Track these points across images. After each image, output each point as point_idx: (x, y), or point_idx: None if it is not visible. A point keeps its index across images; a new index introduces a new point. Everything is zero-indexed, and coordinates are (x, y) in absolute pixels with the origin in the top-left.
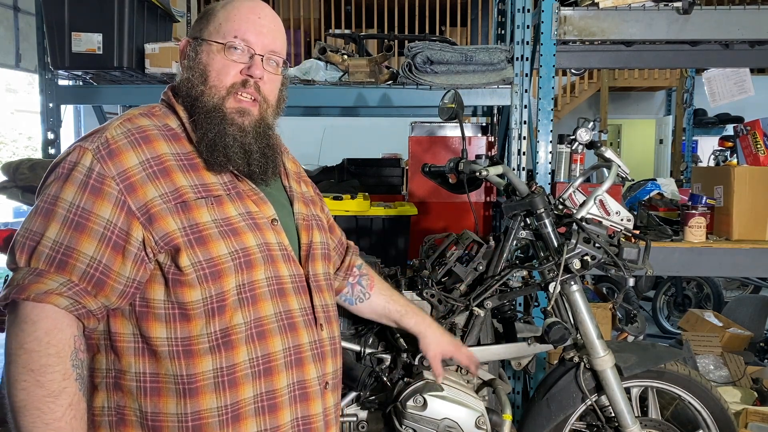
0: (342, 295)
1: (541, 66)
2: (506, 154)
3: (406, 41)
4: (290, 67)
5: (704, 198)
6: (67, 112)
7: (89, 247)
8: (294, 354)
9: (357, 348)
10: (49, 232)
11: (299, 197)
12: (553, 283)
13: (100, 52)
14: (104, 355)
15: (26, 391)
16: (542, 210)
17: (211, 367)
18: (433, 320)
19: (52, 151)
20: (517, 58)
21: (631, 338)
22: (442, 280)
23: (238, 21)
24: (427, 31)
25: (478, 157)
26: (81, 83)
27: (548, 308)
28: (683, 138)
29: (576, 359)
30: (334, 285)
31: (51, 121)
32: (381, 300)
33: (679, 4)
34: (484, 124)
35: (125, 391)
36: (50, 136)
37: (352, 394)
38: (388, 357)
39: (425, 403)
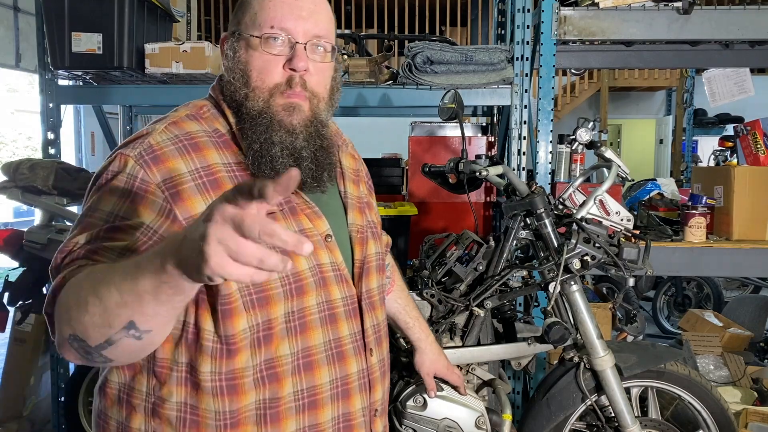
0: None
1: (541, 66)
2: (506, 154)
3: (406, 41)
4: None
5: (704, 198)
6: (67, 112)
7: (120, 245)
8: (341, 386)
9: None
10: (81, 240)
11: (354, 204)
12: (553, 283)
13: (100, 52)
14: (145, 378)
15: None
16: (542, 210)
17: (254, 399)
18: (434, 340)
19: (52, 151)
20: (517, 58)
21: (630, 338)
22: (442, 280)
23: (273, 7)
24: (427, 31)
25: (478, 157)
26: (81, 83)
27: (548, 308)
28: (683, 138)
29: (576, 359)
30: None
31: (51, 121)
32: (393, 307)
33: (679, 4)
34: (484, 124)
35: (163, 418)
36: (50, 136)
37: None
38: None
39: (425, 403)
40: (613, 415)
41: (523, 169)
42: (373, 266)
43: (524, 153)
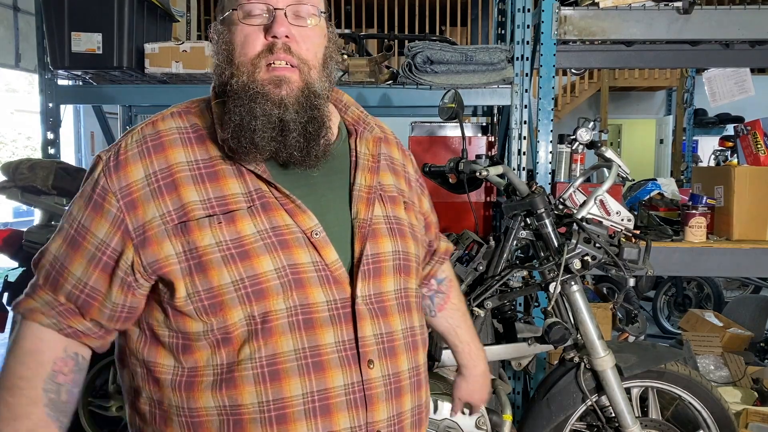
0: None
1: (541, 66)
2: (506, 154)
3: (406, 41)
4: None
5: (704, 198)
6: (67, 112)
7: (78, 268)
8: (319, 401)
9: None
10: (53, 247)
11: (363, 195)
12: (554, 283)
13: (100, 52)
14: (145, 385)
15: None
16: (542, 210)
17: (213, 404)
18: (484, 371)
19: (51, 151)
20: (517, 58)
21: (631, 338)
22: None
23: None
24: (427, 31)
25: (478, 157)
26: (81, 83)
27: (548, 308)
28: (683, 138)
29: (576, 359)
30: (419, 302)
31: (51, 121)
32: (443, 325)
33: (679, 4)
34: (484, 124)
35: (141, 412)
36: (50, 136)
37: None
38: None
39: None
40: (613, 415)
41: (524, 169)
42: (388, 266)
43: (524, 153)
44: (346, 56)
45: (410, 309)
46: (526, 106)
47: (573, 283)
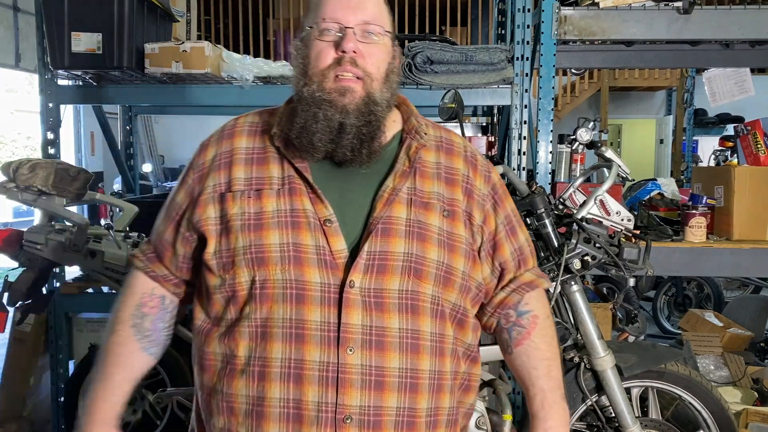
0: (497, 335)
1: (541, 66)
2: (506, 154)
3: (406, 41)
4: (391, 37)
5: (704, 198)
6: (67, 112)
7: (162, 225)
8: (294, 368)
9: None
10: (160, 214)
11: (385, 196)
12: (554, 283)
13: (100, 52)
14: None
15: (108, 325)
16: (542, 210)
17: (219, 351)
18: (558, 426)
19: (51, 151)
20: (517, 58)
21: (631, 338)
22: None
23: (326, 3)
24: (427, 31)
25: None
26: (81, 83)
27: None
28: (683, 138)
29: (576, 359)
30: (441, 311)
31: (51, 121)
32: (516, 363)
33: (679, 4)
34: (484, 124)
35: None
36: (50, 136)
37: None
38: None
39: None
40: (613, 415)
41: (524, 169)
42: (395, 265)
43: (524, 153)
44: None
45: (417, 312)
46: (526, 106)
47: (573, 283)
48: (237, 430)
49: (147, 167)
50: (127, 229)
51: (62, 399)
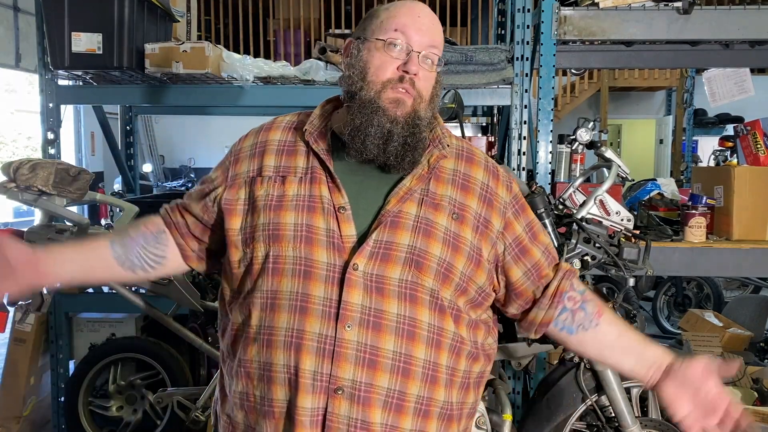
0: (558, 323)
1: (541, 66)
2: (506, 154)
3: None
4: (443, 64)
5: (704, 198)
6: (67, 112)
7: (194, 192)
8: (295, 337)
9: None
10: (195, 186)
11: (400, 193)
12: None
13: (100, 52)
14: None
15: None
16: (542, 210)
17: (238, 320)
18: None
19: (52, 151)
20: (517, 58)
21: None
22: None
23: (398, 19)
24: None
25: None
26: (81, 83)
27: None
28: (683, 138)
29: (576, 359)
30: (441, 305)
31: (51, 121)
32: (612, 331)
33: (679, 4)
34: (484, 124)
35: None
36: (50, 136)
37: None
38: None
39: None
40: (613, 415)
41: (523, 169)
42: (399, 256)
43: (524, 153)
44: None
45: (415, 302)
46: (526, 106)
47: None
48: (253, 393)
49: (147, 167)
50: None
51: (62, 399)
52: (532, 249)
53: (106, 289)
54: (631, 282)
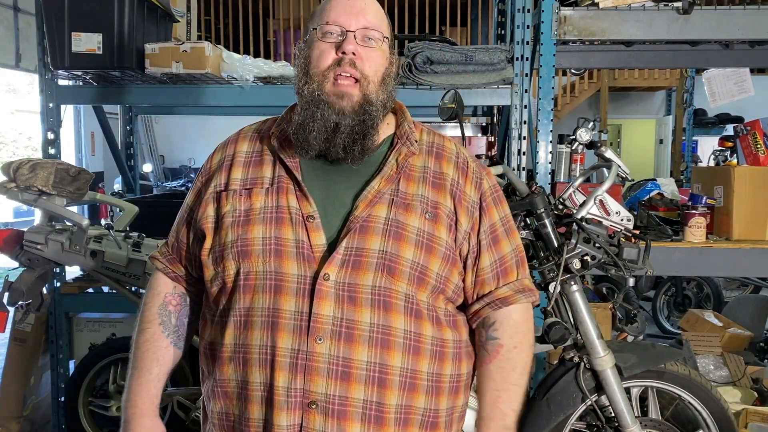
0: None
1: (541, 66)
2: (506, 154)
3: (406, 41)
4: (390, 43)
5: (704, 198)
6: (67, 112)
7: (177, 226)
8: (269, 354)
9: None
10: (177, 217)
11: (369, 197)
12: (553, 283)
13: (100, 52)
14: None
15: (135, 326)
16: (542, 210)
17: (211, 339)
18: None
19: (52, 151)
20: (517, 58)
21: (630, 338)
22: None
23: (330, 7)
24: (427, 31)
25: (478, 157)
26: (81, 83)
27: (548, 308)
28: (683, 138)
29: (576, 359)
30: (417, 310)
31: (51, 121)
32: (476, 382)
33: (679, 4)
34: (484, 124)
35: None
36: (50, 136)
37: None
38: None
39: None
40: (613, 415)
41: (523, 169)
42: (370, 262)
43: (524, 153)
44: None
45: (389, 309)
46: (525, 106)
47: (573, 283)
48: (232, 412)
49: (147, 167)
50: (128, 229)
51: (62, 399)
52: (484, 256)
53: (106, 289)
54: (631, 282)
